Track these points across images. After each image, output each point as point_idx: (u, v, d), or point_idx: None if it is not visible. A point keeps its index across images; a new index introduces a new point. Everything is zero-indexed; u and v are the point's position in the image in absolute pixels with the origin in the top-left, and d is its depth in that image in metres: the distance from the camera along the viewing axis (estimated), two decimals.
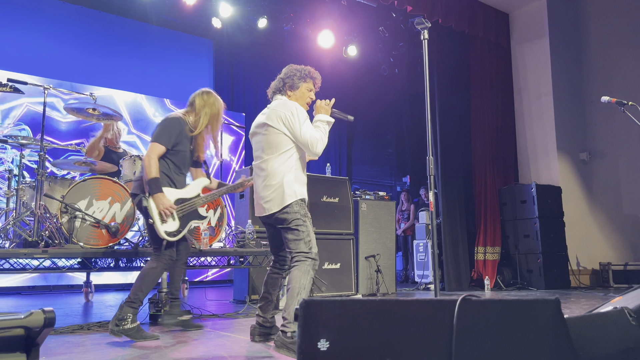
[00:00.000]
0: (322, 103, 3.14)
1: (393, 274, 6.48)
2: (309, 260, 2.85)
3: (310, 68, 3.19)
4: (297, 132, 2.94)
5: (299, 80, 3.12)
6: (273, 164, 2.97)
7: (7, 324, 1.23)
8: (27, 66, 7.23)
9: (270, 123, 2.98)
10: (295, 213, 2.91)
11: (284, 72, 3.18)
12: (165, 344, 3.06)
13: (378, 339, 1.15)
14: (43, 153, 4.30)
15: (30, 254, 3.73)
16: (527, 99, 7.90)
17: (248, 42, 9.06)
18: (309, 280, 2.82)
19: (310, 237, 2.91)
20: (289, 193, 2.91)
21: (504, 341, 1.12)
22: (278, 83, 3.16)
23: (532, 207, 7.02)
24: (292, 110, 2.97)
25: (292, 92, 3.13)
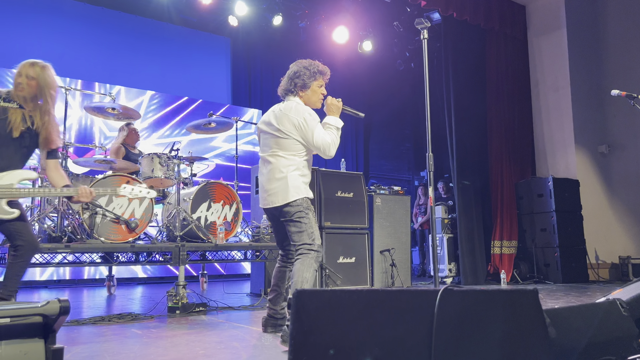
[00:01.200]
0: (332, 101, 3.19)
1: (408, 268, 6.53)
2: (312, 252, 2.92)
3: (318, 63, 3.22)
4: (310, 139, 3.01)
5: (309, 80, 3.16)
6: (280, 159, 3.05)
7: (26, 311, 1.34)
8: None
9: (281, 128, 3.04)
10: (299, 206, 2.98)
11: (293, 70, 3.21)
12: (180, 334, 3.18)
13: (365, 327, 1.23)
14: (65, 152, 4.47)
15: (54, 248, 3.89)
16: (544, 92, 7.84)
17: (264, 40, 9.16)
18: (312, 273, 2.89)
19: (313, 228, 2.97)
20: (293, 189, 2.99)
21: (483, 330, 1.18)
22: (288, 84, 3.19)
23: (549, 200, 6.98)
24: (304, 116, 3.02)
25: (304, 92, 3.17)
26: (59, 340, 2.92)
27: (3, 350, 1.29)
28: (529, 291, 1.21)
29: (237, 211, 5.05)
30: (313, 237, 2.95)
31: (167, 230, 4.80)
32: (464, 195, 7.12)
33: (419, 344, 1.18)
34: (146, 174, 4.85)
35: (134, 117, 4.94)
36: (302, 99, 3.18)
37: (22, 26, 7.56)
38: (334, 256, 5.82)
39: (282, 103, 3.23)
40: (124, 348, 2.77)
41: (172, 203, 4.95)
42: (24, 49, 7.40)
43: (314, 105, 3.21)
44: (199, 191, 4.84)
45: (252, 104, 9.41)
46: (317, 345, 1.22)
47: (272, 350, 2.68)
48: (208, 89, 9.14)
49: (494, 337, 1.18)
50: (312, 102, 3.20)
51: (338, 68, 9.75)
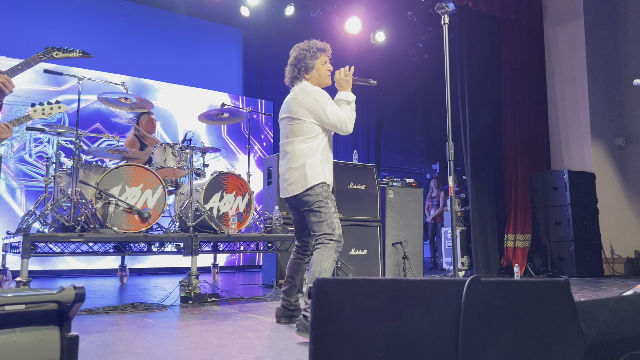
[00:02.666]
0: (342, 75, 3.13)
1: (420, 260, 6.48)
2: (332, 242, 2.86)
3: (316, 41, 3.16)
4: (324, 117, 2.97)
5: (311, 60, 3.10)
6: (297, 146, 3.00)
7: (42, 298, 1.32)
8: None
9: (293, 113, 3.01)
10: (318, 195, 2.93)
11: (293, 56, 3.16)
12: (193, 324, 3.17)
13: (389, 318, 1.19)
14: (78, 141, 4.46)
15: (67, 237, 3.90)
16: (560, 83, 7.70)
17: (276, 30, 9.10)
18: (331, 264, 2.84)
19: (332, 218, 2.92)
20: (311, 175, 2.94)
21: (512, 322, 1.14)
22: (292, 71, 3.14)
23: (564, 194, 6.88)
24: (314, 96, 2.99)
25: (309, 75, 3.12)
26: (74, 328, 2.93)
27: (18, 338, 1.27)
28: (561, 282, 1.16)
29: (250, 202, 5.03)
30: (333, 227, 2.90)
31: (179, 220, 4.79)
32: (477, 188, 7.05)
33: (445, 336, 1.13)
34: (159, 164, 4.84)
35: (147, 107, 4.92)
36: (309, 81, 3.13)
37: (34, 17, 7.57)
38: (345, 248, 5.78)
39: (291, 91, 3.18)
40: (137, 337, 2.76)
41: (184, 193, 4.94)
42: (35, 40, 7.40)
43: (324, 83, 3.16)
44: (212, 182, 4.83)
45: (263, 95, 9.37)
46: (339, 335, 1.18)
47: (286, 341, 2.65)
48: (219, 80, 9.10)
49: (523, 329, 1.13)
50: (321, 81, 3.15)
51: (350, 59, 9.66)
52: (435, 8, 2.70)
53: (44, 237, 3.87)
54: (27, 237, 3.72)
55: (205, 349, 2.47)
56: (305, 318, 2.74)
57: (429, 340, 1.15)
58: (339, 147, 9.72)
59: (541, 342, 1.11)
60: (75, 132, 4.50)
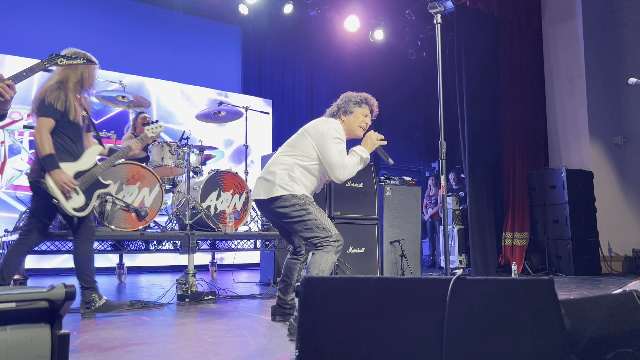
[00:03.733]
0: (373, 135, 3.07)
1: (418, 258, 6.49)
2: (333, 243, 2.81)
3: (368, 95, 3.12)
4: (325, 148, 2.88)
5: (354, 105, 3.06)
6: (284, 155, 2.96)
7: (32, 296, 1.33)
8: None
9: (305, 130, 3.00)
10: (292, 206, 2.84)
11: (341, 97, 3.13)
12: (189, 321, 3.18)
13: (375, 315, 1.20)
14: None
15: (64, 235, 3.90)
16: (558, 81, 7.71)
17: (274, 28, 9.10)
18: (330, 265, 2.80)
19: (319, 220, 2.83)
20: (280, 185, 2.86)
21: (496, 320, 1.15)
22: (333, 108, 3.13)
23: (562, 192, 6.89)
24: (331, 126, 2.92)
25: (346, 117, 3.06)
26: (68, 326, 2.94)
27: (8, 335, 1.28)
28: (545, 280, 1.17)
29: (247, 200, 5.04)
30: (324, 227, 2.82)
31: (177, 218, 4.80)
32: (475, 186, 7.06)
33: (430, 333, 1.14)
34: (156, 162, 4.85)
35: (144, 105, 4.93)
36: (343, 123, 3.05)
37: (32, 14, 7.57)
38: (344, 246, 5.78)
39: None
40: (133, 335, 2.77)
41: (182, 192, 4.94)
42: (34, 37, 7.41)
43: (354, 133, 3.08)
44: (209, 180, 4.83)
45: (262, 94, 9.37)
46: (326, 334, 1.19)
47: (280, 339, 2.66)
48: (218, 78, 9.11)
49: (507, 327, 1.14)
50: (353, 128, 3.06)
51: (349, 57, 9.70)
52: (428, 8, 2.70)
53: None
54: None
55: (199, 346, 2.48)
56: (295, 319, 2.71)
57: (414, 337, 1.16)
58: None
59: (524, 340, 1.13)
60: None
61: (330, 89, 9.98)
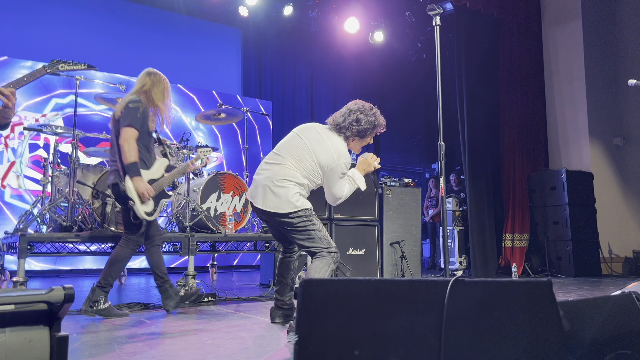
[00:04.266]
0: (370, 160, 3.09)
1: (418, 260, 6.49)
2: (332, 254, 2.84)
3: (381, 117, 3.07)
4: (329, 178, 2.91)
5: (370, 132, 3.03)
6: (290, 169, 2.91)
7: (31, 298, 1.33)
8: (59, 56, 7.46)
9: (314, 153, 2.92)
10: (299, 217, 2.86)
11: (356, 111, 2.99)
12: (188, 323, 3.18)
13: (374, 317, 1.20)
14: (75, 142, 4.48)
15: (64, 238, 3.91)
16: (558, 83, 7.71)
17: (274, 30, 9.11)
18: (329, 273, 2.83)
19: (322, 232, 2.88)
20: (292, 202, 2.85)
21: (494, 321, 1.15)
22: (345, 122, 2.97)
23: (562, 193, 6.89)
24: (342, 161, 2.90)
25: (359, 140, 3.05)
26: (68, 328, 2.94)
27: (7, 337, 1.29)
28: (543, 282, 1.17)
29: (247, 202, 5.04)
30: (326, 239, 2.87)
31: (176, 220, 4.80)
32: (475, 187, 7.06)
33: (428, 335, 1.15)
34: None
35: None
36: (350, 142, 3.03)
37: (32, 17, 7.57)
38: (343, 248, 5.80)
39: (328, 131, 3.04)
40: (132, 337, 2.77)
41: (181, 193, 4.95)
42: (34, 40, 7.43)
43: (354, 150, 3.11)
44: (209, 182, 4.84)
45: (262, 95, 9.38)
46: (324, 335, 1.19)
47: (279, 341, 2.66)
48: (218, 80, 9.11)
49: (506, 329, 1.14)
50: (356, 148, 3.10)
51: (349, 59, 9.70)
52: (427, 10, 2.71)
53: (40, 237, 3.89)
54: (23, 237, 3.74)
55: (198, 348, 2.48)
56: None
57: (412, 339, 1.16)
58: None
59: (522, 342, 1.13)
60: (73, 133, 4.51)
61: (331, 90, 9.99)
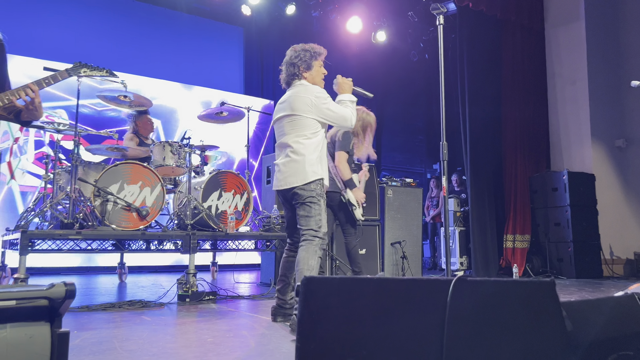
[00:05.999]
0: (343, 80, 3.26)
1: (419, 260, 6.48)
2: (317, 239, 2.93)
3: (314, 45, 3.26)
4: (326, 112, 3.05)
5: (310, 60, 3.18)
6: (298, 143, 3.04)
7: (32, 294, 1.33)
8: (61, 54, 7.46)
9: (295, 111, 3.05)
10: (312, 191, 2.99)
11: (290, 55, 3.21)
12: (189, 321, 3.18)
13: (375, 316, 1.20)
14: (77, 139, 4.47)
15: (65, 235, 3.91)
16: (560, 84, 7.70)
17: (277, 29, 9.10)
18: (317, 261, 2.89)
19: (321, 216, 2.98)
20: (310, 171, 3.00)
21: (496, 321, 1.14)
22: (290, 69, 3.18)
23: (563, 195, 6.88)
24: (315, 94, 3.06)
25: (308, 73, 3.19)
26: (69, 325, 2.94)
27: (8, 333, 1.28)
28: (546, 282, 1.17)
29: (248, 201, 5.04)
30: (320, 225, 2.96)
31: (178, 218, 4.80)
32: (476, 188, 7.05)
33: (430, 335, 1.14)
34: (157, 162, 4.85)
35: (146, 105, 4.93)
36: (307, 79, 3.18)
37: (35, 14, 7.58)
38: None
39: (289, 90, 3.22)
40: (133, 334, 2.77)
41: (183, 192, 4.95)
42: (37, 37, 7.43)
43: (319, 85, 3.24)
44: (210, 180, 4.83)
45: (264, 94, 9.38)
46: (325, 334, 1.19)
47: (280, 340, 2.66)
48: (220, 78, 9.11)
49: (508, 329, 1.14)
50: (317, 82, 3.23)
51: (351, 58, 9.68)
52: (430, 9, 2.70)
53: (42, 234, 3.88)
54: (25, 234, 3.74)
55: (199, 346, 2.48)
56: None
57: (414, 338, 1.16)
58: None
59: (524, 342, 1.12)
60: (75, 130, 4.51)
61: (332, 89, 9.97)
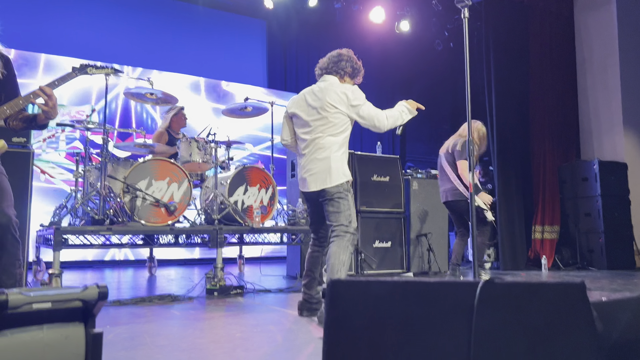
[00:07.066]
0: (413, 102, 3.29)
1: (445, 252, 6.44)
2: (348, 234, 2.91)
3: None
4: (362, 110, 2.99)
5: (357, 72, 3.21)
6: (322, 137, 3.03)
7: (67, 297, 1.37)
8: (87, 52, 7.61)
9: (327, 101, 3.00)
10: (339, 186, 2.98)
11: (340, 54, 3.20)
12: (217, 316, 3.23)
13: (400, 318, 1.20)
14: (106, 137, 4.57)
15: (97, 230, 4.01)
16: (591, 71, 7.50)
17: (299, 21, 9.09)
18: (348, 256, 2.88)
19: (350, 211, 2.98)
20: (336, 172, 2.98)
21: (525, 325, 1.13)
22: (340, 63, 3.15)
23: (594, 184, 6.72)
24: (352, 89, 3.05)
25: (350, 80, 3.20)
26: (102, 320, 3.02)
27: (45, 334, 1.33)
28: (576, 284, 1.15)
29: (273, 195, 5.07)
30: (350, 220, 2.95)
31: (205, 213, 4.87)
32: (504, 178, 6.94)
33: (457, 338, 1.14)
34: (184, 158, 4.92)
35: (172, 101, 5.00)
36: (342, 82, 3.17)
37: (60, 12, 7.72)
38: (369, 240, 5.80)
39: (320, 82, 3.18)
40: (163, 329, 2.83)
41: (209, 187, 5.01)
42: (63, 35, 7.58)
43: None
44: (236, 175, 4.88)
45: (287, 87, 9.39)
46: (351, 337, 1.20)
47: (307, 335, 2.69)
48: (244, 72, 9.16)
49: (537, 333, 1.12)
50: None
51: (374, 48, 9.61)
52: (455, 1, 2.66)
53: (74, 230, 3.99)
54: (58, 230, 3.85)
55: (228, 342, 2.52)
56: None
57: (441, 343, 1.15)
58: (363, 138, 9.70)
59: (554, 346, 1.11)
60: (103, 128, 4.60)
61: None
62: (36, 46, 7.26)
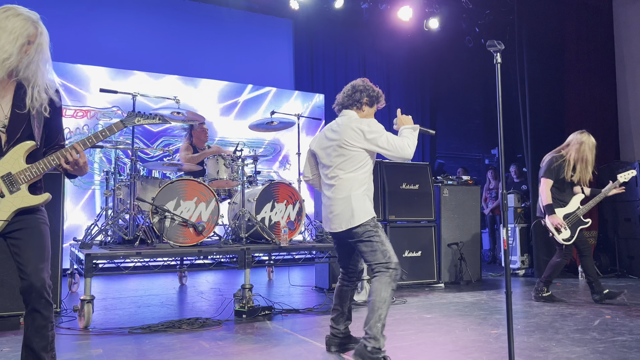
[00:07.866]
0: (403, 116, 3.12)
1: (478, 260, 6.31)
2: (390, 270, 2.82)
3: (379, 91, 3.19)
4: (381, 141, 2.90)
5: (376, 100, 3.13)
6: (343, 177, 2.97)
7: None
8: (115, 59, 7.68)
9: (345, 139, 2.94)
10: (366, 225, 2.90)
11: (360, 84, 3.12)
12: (245, 350, 3.22)
13: None
14: (135, 157, 4.60)
15: (127, 255, 4.05)
16: (631, 67, 7.16)
17: (326, 21, 8.96)
18: (390, 293, 2.80)
19: (385, 246, 2.88)
20: (358, 211, 2.90)
21: None
22: (356, 95, 3.07)
23: (634, 188, 6.45)
24: (368, 122, 2.96)
25: (368, 108, 3.12)
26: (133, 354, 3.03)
27: None
28: None
29: (300, 210, 5.04)
30: (388, 255, 2.85)
31: (232, 232, 4.87)
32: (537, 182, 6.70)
33: None
34: (212, 175, 4.93)
35: (198, 120, 5.00)
36: (363, 112, 3.10)
37: (85, 19, 7.78)
38: (399, 250, 5.70)
39: (339, 118, 3.13)
40: None
41: (237, 203, 5.01)
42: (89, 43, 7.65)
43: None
44: (263, 192, 4.86)
45: (314, 89, 9.30)
46: None
47: None
48: (271, 74, 9.10)
49: None
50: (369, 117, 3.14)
51: (401, 47, 9.44)
52: (487, 46, 2.52)
53: (104, 255, 4.04)
54: (89, 257, 3.90)
55: None
56: (365, 347, 2.70)
57: None
58: None
59: None
60: (132, 148, 4.64)
61: (384, 80, 9.74)
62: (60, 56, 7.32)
